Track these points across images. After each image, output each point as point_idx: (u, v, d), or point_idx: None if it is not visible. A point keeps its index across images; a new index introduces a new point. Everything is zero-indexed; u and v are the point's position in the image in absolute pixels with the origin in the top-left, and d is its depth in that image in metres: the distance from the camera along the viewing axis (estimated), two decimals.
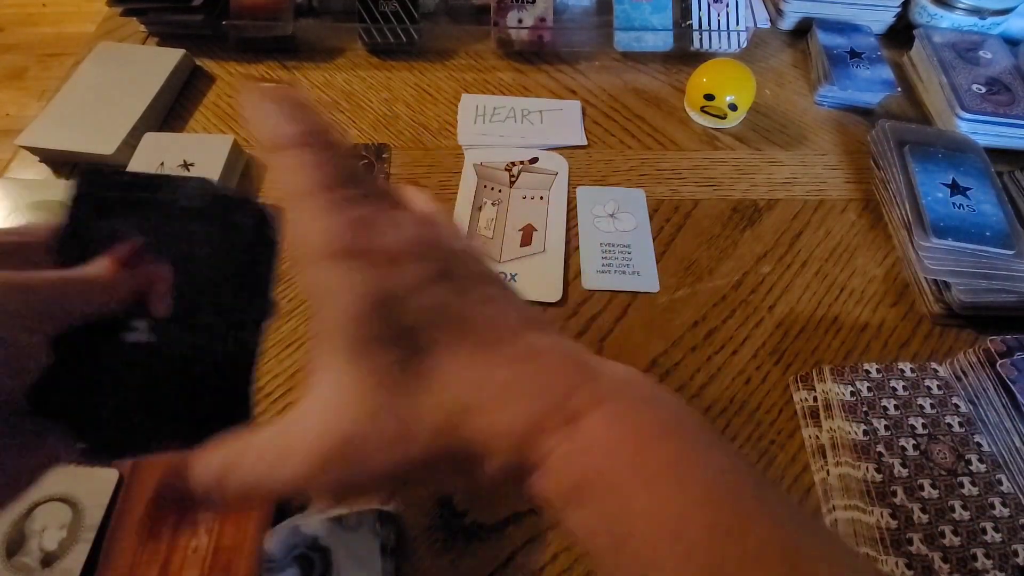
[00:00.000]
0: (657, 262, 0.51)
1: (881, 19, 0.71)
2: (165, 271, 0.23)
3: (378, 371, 0.17)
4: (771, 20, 0.74)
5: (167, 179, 0.25)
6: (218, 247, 0.24)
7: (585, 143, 0.60)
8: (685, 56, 0.68)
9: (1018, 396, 0.39)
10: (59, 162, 0.55)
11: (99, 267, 0.22)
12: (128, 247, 0.23)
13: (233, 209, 0.24)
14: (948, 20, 0.69)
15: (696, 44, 0.68)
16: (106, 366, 0.23)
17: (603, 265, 0.51)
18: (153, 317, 0.23)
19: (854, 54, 0.66)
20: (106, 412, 0.22)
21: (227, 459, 0.19)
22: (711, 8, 0.67)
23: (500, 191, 0.55)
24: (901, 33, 0.71)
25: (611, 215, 0.54)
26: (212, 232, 0.24)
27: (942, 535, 0.34)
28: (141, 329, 0.23)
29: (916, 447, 0.38)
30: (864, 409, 0.39)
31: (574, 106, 0.63)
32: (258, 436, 0.19)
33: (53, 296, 0.21)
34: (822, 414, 0.41)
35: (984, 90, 0.61)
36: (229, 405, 0.24)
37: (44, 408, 0.21)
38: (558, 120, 0.62)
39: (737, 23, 0.67)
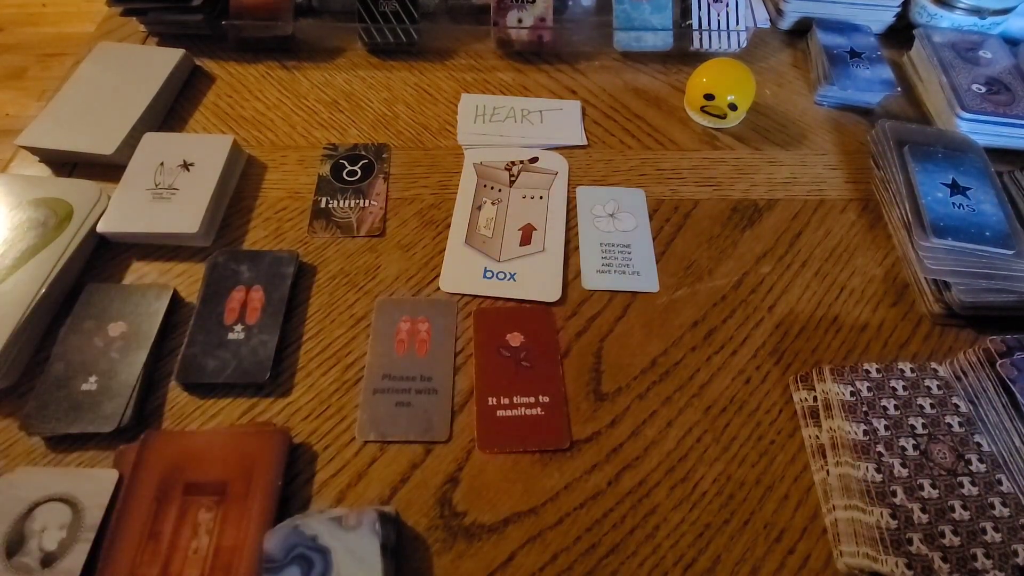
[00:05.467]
0: (657, 262, 0.51)
1: (881, 19, 0.71)
2: None
3: None
4: (771, 20, 0.74)
5: None
6: None
7: (585, 143, 0.60)
8: (685, 56, 0.68)
9: (1018, 396, 0.39)
10: (59, 162, 0.55)
11: None
12: None
13: None
14: (948, 20, 0.69)
15: (696, 44, 0.68)
16: None
17: (603, 265, 0.51)
18: None
19: (854, 54, 0.66)
20: None
21: None
22: (711, 8, 0.67)
23: (500, 190, 0.55)
24: (901, 33, 0.71)
25: (611, 215, 0.54)
26: None
27: (942, 535, 0.34)
28: None
29: (916, 447, 0.38)
30: (864, 409, 0.39)
31: (574, 106, 0.63)
32: None
33: None
34: (822, 414, 0.41)
35: (984, 90, 0.61)
36: None
37: None
38: (558, 120, 0.62)
39: (737, 23, 0.67)
